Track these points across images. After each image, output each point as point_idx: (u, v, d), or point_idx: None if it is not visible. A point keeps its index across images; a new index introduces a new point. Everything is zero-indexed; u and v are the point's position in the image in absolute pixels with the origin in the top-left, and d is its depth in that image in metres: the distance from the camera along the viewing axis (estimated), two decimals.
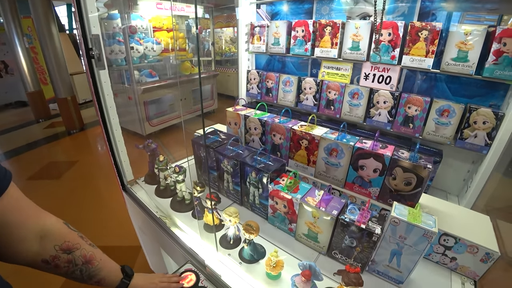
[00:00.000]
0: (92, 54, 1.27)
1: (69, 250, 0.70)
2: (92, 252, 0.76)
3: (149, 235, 1.66)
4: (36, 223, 0.66)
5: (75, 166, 4.06)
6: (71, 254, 0.71)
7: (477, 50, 1.29)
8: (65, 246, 0.70)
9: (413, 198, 1.10)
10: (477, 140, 1.39)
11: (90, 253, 0.75)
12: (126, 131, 1.53)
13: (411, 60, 1.43)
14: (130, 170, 1.67)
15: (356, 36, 1.54)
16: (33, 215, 0.67)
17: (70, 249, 0.71)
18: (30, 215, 0.66)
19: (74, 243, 0.72)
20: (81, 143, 5.04)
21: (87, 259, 0.74)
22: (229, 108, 1.62)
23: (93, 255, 0.75)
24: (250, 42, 2.02)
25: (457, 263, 1.08)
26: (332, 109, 1.77)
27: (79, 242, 0.74)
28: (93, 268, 0.75)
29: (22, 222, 0.63)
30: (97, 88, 1.38)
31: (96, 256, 0.77)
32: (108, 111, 1.46)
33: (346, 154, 1.19)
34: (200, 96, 0.79)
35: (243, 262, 1.07)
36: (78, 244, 0.73)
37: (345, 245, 1.02)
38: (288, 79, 1.91)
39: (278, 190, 1.14)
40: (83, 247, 0.74)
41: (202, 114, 0.73)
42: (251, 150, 1.35)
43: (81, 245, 0.73)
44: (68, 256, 0.70)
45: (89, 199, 3.24)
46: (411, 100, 1.48)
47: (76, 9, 1.21)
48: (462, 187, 1.63)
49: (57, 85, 4.96)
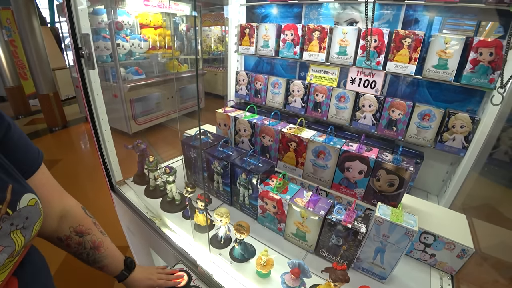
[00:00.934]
0: (82, 53, 1.26)
1: (81, 233, 0.76)
2: (102, 239, 0.82)
3: (138, 235, 1.66)
4: (59, 202, 0.72)
5: (58, 165, 3.95)
6: (83, 237, 0.76)
7: (456, 58, 1.36)
8: (79, 229, 0.75)
9: (396, 199, 1.16)
10: (455, 143, 1.47)
11: (99, 240, 0.81)
12: (112, 129, 1.52)
13: (395, 66, 1.49)
14: (119, 170, 1.66)
15: (344, 41, 1.60)
16: (58, 195, 0.73)
17: (83, 233, 0.76)
18: (56, 194, 0.72)
19: (87, 228, 0.78)
20: (64, 141, 4.90)
21: (96, 245, 0.79)
22: (219, 109, 1.64)
23: (101, 242, 0.81)
24: (240, 44, 2.04)
25: (436, 259, 1.15)
26: (319, 112, 1.82)
27: (92, 228, 0.79)
28: (99, 254, 0.80)
29: (49, 199, 0.68)
30: (86, 88, 1.37)
31: (104, 244, 0.82)
32: (97, 111, 1.44)
33: (333, 156, 1.23)
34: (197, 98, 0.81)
35: (234, 261, 1.09)
36: (90, 229, 0.79)
37: (332, 244, 1.07)
38: (277, 81, 1.94)
39: (267, 191, 1.17)
40: (94, 233, 0.80)
41: (199, 118, 0.75)
42: (241, 151, 1.38)
43: (93, 231, 0.79)
44: (79, 238, 0.75)
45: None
46: (394, 104, 1.54)
47: (66, 7, 1.20)
48: (441, 187, 1.72)
49: (39, 81, 4.79)
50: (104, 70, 4.38)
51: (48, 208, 0.67)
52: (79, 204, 0.80)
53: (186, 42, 5.23)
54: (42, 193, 0.64)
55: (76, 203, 0.79)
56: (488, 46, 1.28)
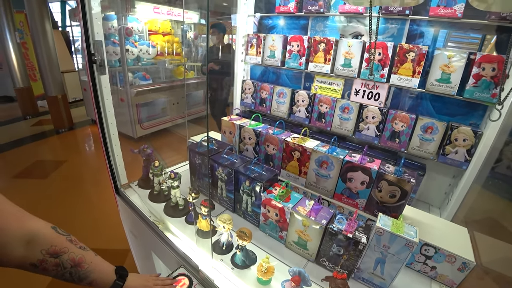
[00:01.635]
0: (95, 59, 1.30)
1: (56, 254, 0.71)
2: (82, 255, 0.77)
3: (140, 238, 1.68)
4: (20, 227, 0.66)
5: (63, 166, 3.99)
6: (59, 258, 0.71)
7: (459, 73, 1.39)
8: (52, 250, 0.70)
9: (397, 210, 1.17)
10: (457, 156, 1.48)
11: (79, 256, 0.76)
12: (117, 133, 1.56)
13: (399, 79, 1.52)
14: (124, 174, 1.69)
15: (349, 54, 1.63)
16: (16, 219, 0.66)
17: (57, 253, 0.71)
18: (12, 220, 0.66)
19: (62, 247, 0.72)
20: (70, 142, 4.96)
21: (76, 263, 0.75)
22: (224, 117, 1.67)
23: (82, 258, 0.77)
24: (246, 54, 2.09)
25: (437, 271, 1.15)
26: (323, 122, 1.85)
27: (67, 246, 0.74)
28: (83, 271, 0.77)
29: (3, 226, 0.63)
30: (96, 93, 1.41)
31: (86, 259, 0.78)
32: (106, 115, 1.48)
33: (335, 167, 1.25)
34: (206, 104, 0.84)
35: (235, 268, 1.11)
36: (65, 248, 0.73)
37: (332, 253, 1.08)
38: (282, 91, 1.98)
39: (270, 199, 1.19)
40: (71, 251, 0.75)
41: (207, 125, 0.77)
42: (245, 159, 1.40)
43: (69, 249, 0.74)
44: (55, 260, 0.71)
45: (77, 200, 3.19)
46: (398, 116, 1.56)
47: (81, 14, 1.25)
48: (444, 199, 1.72)
49: (48, 83, 4.89)
50: (112, 74, 4.47)
51: (6, 237, 0.63)
52: (48, 224, 0.73)
53: (194, 49, 5.32)
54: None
55: (44, 224, 0.72)
56: (490, 61, 1.30)
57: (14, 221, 0.65)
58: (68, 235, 0.77)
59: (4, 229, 0.63)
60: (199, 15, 5.11)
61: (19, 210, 0.69)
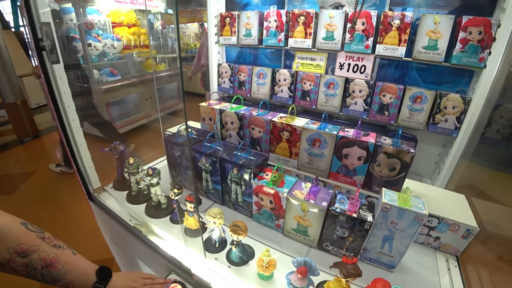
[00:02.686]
0: (43, 45, 1.11)
1: (24, 253, 0.64)
2: (55, 254, 0.69)
3: (123, 246, 1.52)
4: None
5: (32, 178, 3.67)
6: (27, 257, 0.64)
7: (446, 38, 1.33)
8: (20, 249, 0.63)
9: (397, 183, 1.10)
10: (447, 124, 1.45)
11: (51, 255, 0.68)
12: (89, 135, 1.39)
13: (385, 49, 1.45)
14: (96, 177, 1.52)
15: (330, 25, 1.53)
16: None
17: (25, 252, 0.64)
18: None
19: (31, 246, 0.65)
20: (36, 152, 4.57)
21: (48, 263, 0.67)
22: (202, 103, 1.53)
23: (55, 258, 0.69)
24: (220, 35, 1.93)
25: (441, 242, 1.11)
26: (308, 100, 1.75)
27: (37, 244, 0.67)
28: (56, 272, 0.69)
29: None
30: (51, 86, 1.21)
31: (60, 258, 0.70)
32: (66, 112, 1.29)
33: (329, 144, 1.16)
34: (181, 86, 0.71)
35: (232, 266, 1.00)
36: (35, 246, 0.66)
37: (336, 236, 0.99)
38: (262, 71, 1.85)
39: (262, 186, 1.08)
40: (42, 250, 0.67)
41: (185, 110, 0.64)
42: (229, 145, 1.28)
43: (40, 248, 0.67)
44: (23, 259, 0.64)
45: (50, 213, 2.93)
46: (385, 88, 1.50)
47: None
48: (434, 169, 1.70)
49: (4, 89, 4.44)
50: (77, 73, 4.12)
51: None
52: (17, 219, 0.67)
53: (162, 40, 5.03)
54: None
55: (12, 219, 0.66)
56: (477, 24, 1.25)
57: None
58: (40, 231, 0.69)
59: None
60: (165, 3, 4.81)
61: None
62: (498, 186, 1.38)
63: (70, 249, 0.75)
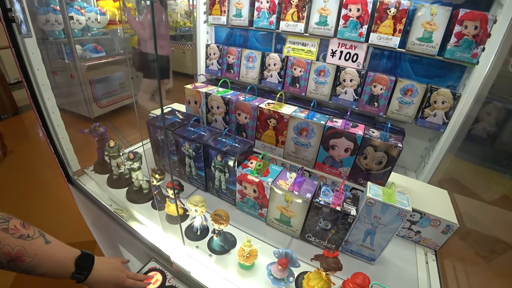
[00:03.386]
0: (12, 16, 1.01)
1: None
2: (21, 247, 0.63)
3: (104, 231, 1.49)
4: None
5: (10, 157, 3.52)
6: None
7: (441, 31, 1.30)
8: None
9: (382, 177, 1.10)
10: (436, 119, 1.44)
11: (17, 248, 0.63)
12: (70, 113, 1.31)
13: (379, 38, 1.41)
14: (75, 159, 1.45)
15: (324, 10, 1.47)
16: None
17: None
18: None
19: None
20: (15, 129, 4.37)
21: (13, 256, 0.62)
22: (187, 85, 1.46)
23: (21, 251, 0.63)
24: (209, 13, 1.84)
25: (421, 236, 1.13)
26: (297, 87, 1.71)
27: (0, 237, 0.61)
28: (25, 265, 0.64)
29: None
30: (23, 62, 1.12)
31: (28, 251, 0.64)
32: (40, 90, 1.21)
33: (316, 134, 1.14)
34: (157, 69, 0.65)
35: (213, 254, 0.98)
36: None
37: (319, 228, 0.99)
38: (251, 54, 1.78)
39: (246, 174, 1.06)
40: (5, 243, 0.61)
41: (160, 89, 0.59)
42: (214, 131, 1.24)
43: (2, 241, 0.61)
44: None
45: (29, 193, 2.84)
46: (377, 79, 1.47)
47: None
48: (420, 163, 1.72)
49: None
50: (58, 48, 3.89)
51: None
52: None
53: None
54: None
55: None
56: (473, 18, 1.22)
57: None
58: (3, 221, 0.63)
59: None
60: None
61: None
62: (480, 182, 1.40)
63: (42, 237, 0.69)
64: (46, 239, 0.70)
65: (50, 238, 0.71)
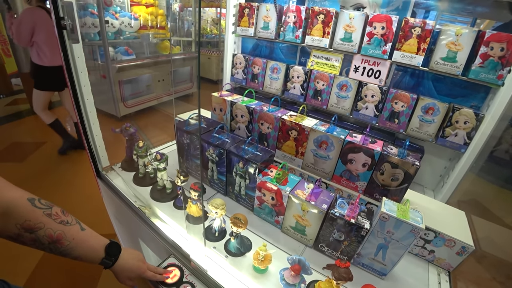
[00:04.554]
0: (64, 24, 1.13)
1: (31, 229, 0.66)
2: (61, 231, 0.71)
3: (126, 225, 1.58)
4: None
5: (42, 148, 3.76)
6: (34, 233, 0.66)
7: (466, 51, 1.30)
8: (27, 225, 0.65)
9: (398, 193, 1.12)
10: (457, 138, 1.44)
11: (58, 232, 0.70)
12: (99, 111, 1.42)
13: (402, 56, 1.43)
14: (105, 156, 1.56)
15: (349, 27, 1.51)
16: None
17: (32, 229, 0.66)
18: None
19: (37, 223, 0.67)
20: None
21: (54, 239, 0.70)
22: (214, 93, 1.54)
23: (61, 234, 0.71)
24: (238, 25, 1.93)
25: (435, 255, 1.13)
26: (319, 100, 1.75)
27: (43, 221, 0.68)
28: (63, 248, 0.72)
29: None
30: (69, 64, 1.24)
31: (67, 235, 0.72)
32: (82, 90, 1.32)
33: (336, 147, 1.17)
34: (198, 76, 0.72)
35: (229, 256, 1.04)
36: (41, 223, 0.68)
37: (332, 239, 1.02)
38: (276, 66, 1.85)
39: (266, 182, 1.11)
40: (48, 227, 0.69)
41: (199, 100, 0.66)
42: (237, 138, 1.30)
43: (46, 225, 0.69)
44: (31, 235, 0.66)
45: (57, 183, 3.03)
46: (398, 96, 1.49)
47: None
48: (438, 182, 1.70)
49: (21, 58, 4.52)
50: (92, 49, 4.15)
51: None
52: (24, 195, 0.68)
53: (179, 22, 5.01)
54: None
55: (20, 194, 0.68)
56: (500, 40, 1.22)
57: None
58: (47, 207, 0.71)
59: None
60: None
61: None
62: (501, 204, 1.38)
63: (78, 225, 0.77)
64: (81, 226, 0.78)
65: (84, 226, 0.79)
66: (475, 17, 1.43)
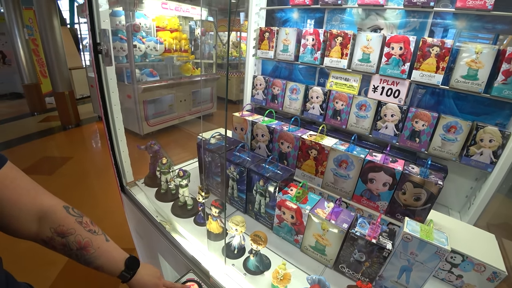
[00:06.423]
0: (100, 49, 1.24)
1: (63, 234, 0.71)
2: (89, 239, 0.76)
3: (146, 239, 1.62)
4: (32, 203, 0.67)
5: (69, 162, 3.98)
6: (65, 238, 0.71)
7: (487, 69, 1.29)
8: (60, 230, 0.71)
9: (421, 214, 1.09)
10: (482, 157, 1.39)
11: (85, 240, 0.75)
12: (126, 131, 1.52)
13: (421, 75, 1.43)
14: (130, 171, 1.64)
15: (367, 48, 1.55)
16: (29, 195, 0.68)
17: (64, 233, 0.71)
18: (26, 195, 0.67)
19: (69, 228, 0.72)
20: (76, 139, 4.95)
21: (82, 246, 0.74)
22: (235, 113, 1.60)
23: (88, 242, 0.75)
24: (258, 48, 2.01)
25: (463, 281, 1.07)
26: (338, 120, 1.77)
27: (75, 227, 0.74)
28: (88, 255, 0.75)
29: (15, 201, 0.64)
30: (102, 85, 1.35)
31: (94, 243, 0.76)
32: (112, 109, 1.43)
33: (356, 166, 1.18)
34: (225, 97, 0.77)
35: (247, 273, 1.04)
36: (73, 229, 0.73)
37: (353, 260, 1.00)
38: (295, 86, 1.90)
39: (286, 200, 1.12)
40: (78, 233, 0.74)
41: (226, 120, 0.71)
42: (258, 157, 1.33)
43: (77, 231, 0.74)
44: (62, 239, 0.71)
45: (82, 197, 3.17)
46: (418, 115, 1.48)
47: (87, 2, 1.19)
48: (465, 203, 1.63)
49: (55, 79, 4.89)
50: (120, 71, 4.44)
51: (16, 208, 0.64)
52: (60, 203, 0.74)
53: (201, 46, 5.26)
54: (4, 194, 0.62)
55: (57, 202, 0.73)
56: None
57: (26, 196, 0.67)
58: (79, 216, 0.77)
59: (16, 203, 0.65)
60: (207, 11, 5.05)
61: (35, 187, 0.70)
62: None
63: (104, 236, 0.81)
64: (106, 237, 0.82)
65: (108, 238, 0.83)
66: (497, 33, 1.42)
